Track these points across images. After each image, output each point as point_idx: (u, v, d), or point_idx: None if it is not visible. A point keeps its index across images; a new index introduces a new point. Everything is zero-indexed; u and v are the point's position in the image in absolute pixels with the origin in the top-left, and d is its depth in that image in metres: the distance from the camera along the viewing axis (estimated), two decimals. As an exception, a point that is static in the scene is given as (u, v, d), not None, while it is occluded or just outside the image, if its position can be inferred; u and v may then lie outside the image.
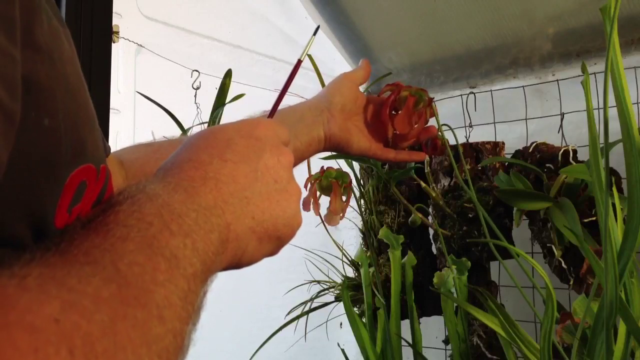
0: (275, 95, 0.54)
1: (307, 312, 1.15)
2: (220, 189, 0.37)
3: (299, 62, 0.54)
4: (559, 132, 1.13)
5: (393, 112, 0.79)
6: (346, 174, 1.01)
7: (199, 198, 0.35)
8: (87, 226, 0.30)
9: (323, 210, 0.99)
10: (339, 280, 1.22)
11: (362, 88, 0.81)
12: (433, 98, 0.84)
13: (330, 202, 0.97)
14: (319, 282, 1.23)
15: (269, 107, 0.56)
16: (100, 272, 0.26)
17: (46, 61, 0.30)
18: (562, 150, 1.06)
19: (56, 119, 0.31)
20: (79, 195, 0.33)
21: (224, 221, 0.36)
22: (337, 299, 1.22)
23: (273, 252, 0.43)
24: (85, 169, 0.34)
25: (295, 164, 0.56)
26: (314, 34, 0.54)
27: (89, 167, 0.34)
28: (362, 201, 1.28)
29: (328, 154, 1.03)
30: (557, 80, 1.22)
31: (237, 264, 0.39)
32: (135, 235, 0.30)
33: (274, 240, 0.41)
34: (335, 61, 1.59)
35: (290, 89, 0.56)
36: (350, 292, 1.15)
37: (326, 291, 1.22)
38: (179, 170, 0.37)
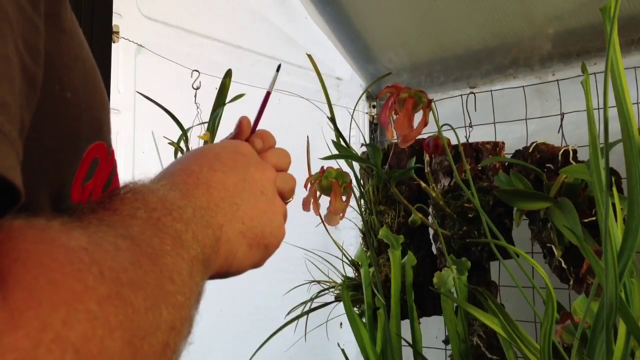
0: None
1: (307, 312, 1.15)
2: (211, 193, 0.39)
3: (268, 94, 0.56)
4: (559, 132, 1.13)
5: (393, 114, 0.79)
6: (346, 174, 1.01)
7: (193, 198, 0.37)
8: (95, 209, 0.32)
9: (323, 210, 0.99)
10: (339, 280, 1.22)
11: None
12: (432, 99, 0.85)
13: (330, 202, 0.97)
14: (319, 282, 1.23)
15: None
16: (114, 231, 0.28)
17: (69, 43, 0.32)
18: (562, 150, 1.06)
19: (77, 95, 0.33)
20: (92, 172, 0.35)
21: (217, 222, 0.38)
22: (337, 299, 1.22)
23: (259, 262, 0.44)
24: (99, 146, 0.35)
25: None
26: (277, 70, 0.56)
27: (102, 145, 0.36)
28: (362, 201, 1.28)
29: (328, 153, 1.03)
30: (557, 80, 1.22)
31: (227, 269, 0.41)
32: (142, 214, 0.31)
33: (262, 248, 0.43)
34: (335, 61, 1.59)
35: (290, 90, 0.56)
36: (350, 292, 1.14)
37: (326, 291, 1.22)
38: (171, 177, 0.39)
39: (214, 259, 0.37)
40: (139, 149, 1.17)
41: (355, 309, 1.14)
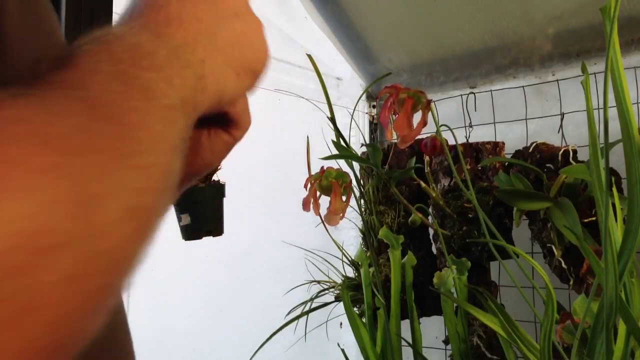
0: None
1: (307, 312, 1.15)
2: (186, 28, 0.36)
3: None
4: (559, 132, 1.13)
5: (392, 114, 0.79)
6: (346, 174, 1.01)
7: (166, 38, 0.34)
8: (53, 67, 0.29)
9: (323, 210, 0.99)
10: (339, 280, 1.22)
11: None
12: (431, 100, 0.85)
13: (330, 202, 0.97)
14: (319, 282, 1.23)
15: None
16: (68, 93, 0.26)
17: None
18: (562, 150, 1.06)
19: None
20: None
21: (197, 57, 0.35)
22: (337, 299, 1.22)
23: (252, 87, 0.42)
24: None
25: None
26: None
27: None
28: (362, 201, 1.28)
29: (328, 153, 1.03)
30: (557, 80, 1.22)
31: (219, 102, 0.38)
32: (106, 68, 0.29)
33: (250, 74, 0.41)
34: (335, 61, 1.59)
35: (290, 90, 0.55)
36: (350, 292, 1.15)
37: (326, 291, 1.22)
38: (139, 16, 0.36)
39: (201, 98, 0.35)
40: (139, 149, 1.17)
41: (355, 309, 1.14)
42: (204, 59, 0.36)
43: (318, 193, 0.98)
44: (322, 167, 1.00)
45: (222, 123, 0.44)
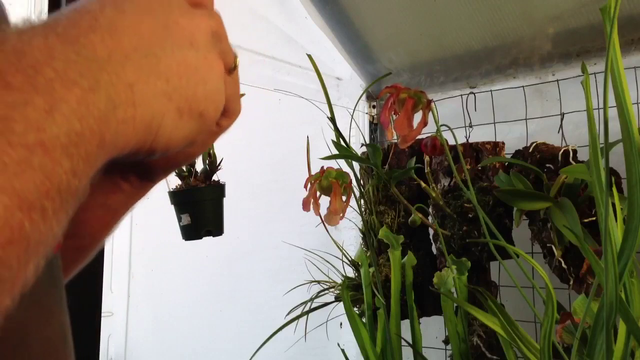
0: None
1: (307, 312, 1.15)
2: (118, 40, 0.28)
3: None
4: (559, 132, 1.13)
5: (393, 114, 0.79)
6: (346, 174, 1.01)
7: (79, 46, 0.26)
8: None
9: (323, 210, 0.99)
10: (339, 280, 1.22)
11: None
12: (431, 100, 0.85)
13: (330, 202, 0.97)
14: (319, 282, 1.23)
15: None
16: None
17: None
18: (562, 151, 1.06)
19: None
20: None
21: (123, 79, 0.28)
22: (337, 299, 1.22)
23: (195, 136, 0.34)
24: None
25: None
26: None
27: None
28: (362, 201, 1.28)
29: (328, 153, 1.03)
30: (557, 80, 1.22)
31: (152, 143, 0.31)
32: None
33: (196, 117, 0.33)
34: (335, 61, 1.59)
35: (290, 90, 0.53)
36: (350, 292, 1.15)
37: (326, 291, 1.22)
38: (54, 20, 0.28)
39: (121, 132, 0.27)
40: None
41: (355, 309, 1.14)
42: (134, 82, 0.28)
43: (318, 193, 0.98)
44: (322, 167, 1.00)
45: None
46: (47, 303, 0.34)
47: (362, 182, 1.27)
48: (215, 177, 1.06)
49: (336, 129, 1.01)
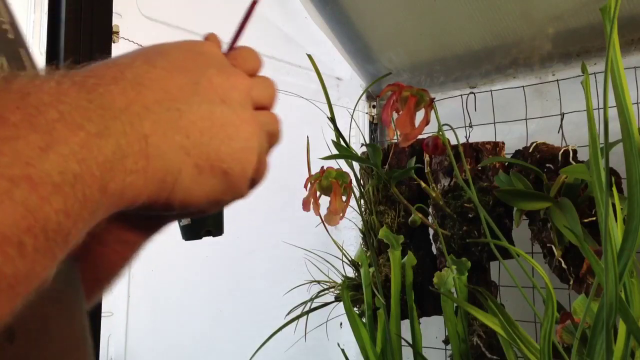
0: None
1: (307, 312, 1.15)
2: (141, 92, 0.28)
3: (254, 3, 0.44)
4: (559, 132, 1.13)
5: (394, 112, 0.79)
6: (346, 174, 1.01)
7: (95, 95, 0.26)
8: None
9: (323, 210, 0.99)
10: (339, 280, 1.22)
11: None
12: (434, 98, 0.85)
13: (330, 202, 0.97)
14: (319, 282, 1.23)
15: None
16: None
17: None
18: (562, 151, 1.06)
19: None
20: None
21: (138, 130, 0.27)
22: (337, 299, 1.22)
23: (219, 195, 0.32)
24: None
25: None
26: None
27: None
28: (362, 201, 1.28)
29: (328, 153, 1.03)
30: (557, 80, 1.22)
31: (168, 197, 0.30)
32: None
33: (219, 175, 0.31)
34: (335, 61, 1.59)
35: (290, 90, 0.53)
36: (350, 292, 1.15)
37: (326, 291, 1.22)
38: (78, 70, 0.28)
39: (128, 182, 0.27)
40: (139, 149, 1.17)
41: (355, 309, 1.14)
42: (149, 134, 0.28)
43: (318, 193, 0.98)
44: (322, 167, 1.00)
45: None
46: (67, 302, 0.33)
47: (362, 182, 1.27)
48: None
49: (336, 129, 1.00)
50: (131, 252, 0.43)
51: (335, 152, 1.02)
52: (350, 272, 1.23)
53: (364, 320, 1.11)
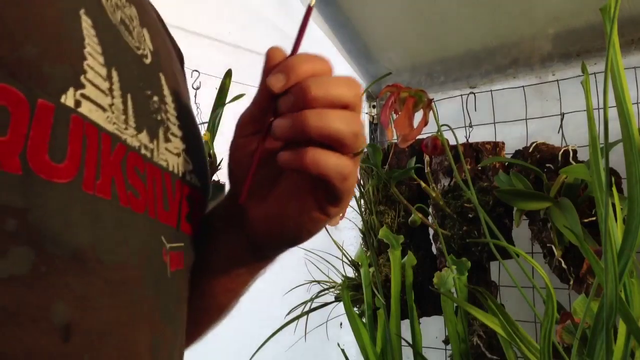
0: None
1: (307, 312, 1.15)
2: None
3: (310, 9, 0.45)
4: (559, 132, 1.13)
5: (393, 113, 0.79)
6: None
7: None
8: None
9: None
10: (339, 280, 1.22)
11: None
12: (432, 99, 0.85)
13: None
14: (319, 282, 1.23)
15: None
16: None
17: None
18: (562, 151, 1.06)
19: None
20: None
21: None
22: (337, 299, 1.22)
23: None
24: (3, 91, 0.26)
25: None
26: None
27: (4, 88, 0.26)
28: (362, 201, 1.28)
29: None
30: (557, 80, 1.22)
31: None
32: None
33: None
34: (335, 61, 1.58)
35: None
36: (350, 292, 1.15)
37: (326, 291, 1.22)
38: None
39: None
40: (139, 149, 1.17)
41: (355, 309, 1.14)
42: None
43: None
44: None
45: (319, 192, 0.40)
46: (154, 325, 0.38)
47: (362, 182, 1.27)
48: (215, 177, 1.05)
49: (336, 129, 1.00)
50: (233, 300, 0.55)
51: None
52: (350, 272, 1.23)
53: (364, 320, 1.11)
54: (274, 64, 0.41)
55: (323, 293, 1.21)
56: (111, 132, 0.32)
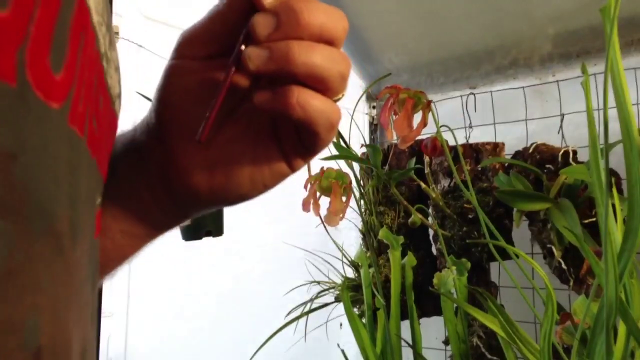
0: None
1: (307, 313, 1.15)
2: None
3: None
4: (558, 132, 1.13)
5: (392, 114, 0.79)
6: (346, 174, 1.01)
7: None
8: None
9: (323, 211, 0.99)
10: (339, 280, 1.22)
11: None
12: (431, 100, 0.85)
13: (330, 202, 0.97)
14: (319, 282, 1.23)
15: None
16: None
17: None
18: (562, 151, 1.06)
19: None
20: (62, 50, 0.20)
21: None
22: (337, 299, 1.22)
23: None
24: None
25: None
26: None
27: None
28: (362, 202, 1.28)
29: (328, 154, 1.03)
30: (557, 81, 1.22)
31: None
32: None
33: None
34: (335, 62, 1.59)
35: None
36: (350, 292, 1.15)
37: (326, 292, 1.22)
38: None
39: None
40: (138, 149, 1.18)
41: (355, 309, 1.14)
42: None
43: (318, 193, 0.98)
44: (322, 168, 1.00)
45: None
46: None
47: (362, 182, 1.27)
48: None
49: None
50: (134, 250, 0.39)
51: (335, 152, 1.02)
52: (350, 273, 1.23)
53: (363, 320, 1.11)
54: None
55: (323, 294, 1.21)
56: (94, 26, 0.24)
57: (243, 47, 0.31)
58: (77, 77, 0.21)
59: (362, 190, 1.27)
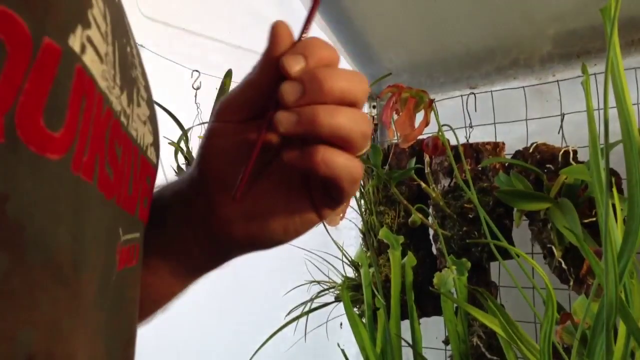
0: None
1: (307, 313, 1.15)
2: None
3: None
4: (559, 132, 1.13)
5: (394, 113, 0.79)
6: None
7: None
8: None
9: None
10: (339, 280, 1.22)
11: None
12: (433, 99, 0.85)
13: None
14: (319, 282, 1.23)
15: None
16: None
17: None
18: (562, 151, 1.06)
19: None
20: None
21: None
22: (337, 299, 1.22)
23: None
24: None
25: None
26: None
27: (5, 13, 0.19)
28: (362, 201, 1.28)
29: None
30: (558, 81, 1.22)
31: None
32: None
33: None
34: (335, 61, 1.58)
35: None
36: (350, 292, 1.15)
37: (326, 291, 1.22)
38: None
39: None
40: (139, 149, 1.18)
41: (355, 309, 1.14)
42: None
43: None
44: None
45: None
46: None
47: (362, 182, 1.27)
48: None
49: (336, 129, 1.00)
50: (181, 287, 0.46)
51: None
52: (350, 273, 1.23)
53: (364, 320, 1.11)
54: (281, 41, 0.36)
55: (323, 293, 1.21)
56: (103, 91, 0.25)
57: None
58: (79, 132, 0.23)
59: (362, 190, 1.27)
